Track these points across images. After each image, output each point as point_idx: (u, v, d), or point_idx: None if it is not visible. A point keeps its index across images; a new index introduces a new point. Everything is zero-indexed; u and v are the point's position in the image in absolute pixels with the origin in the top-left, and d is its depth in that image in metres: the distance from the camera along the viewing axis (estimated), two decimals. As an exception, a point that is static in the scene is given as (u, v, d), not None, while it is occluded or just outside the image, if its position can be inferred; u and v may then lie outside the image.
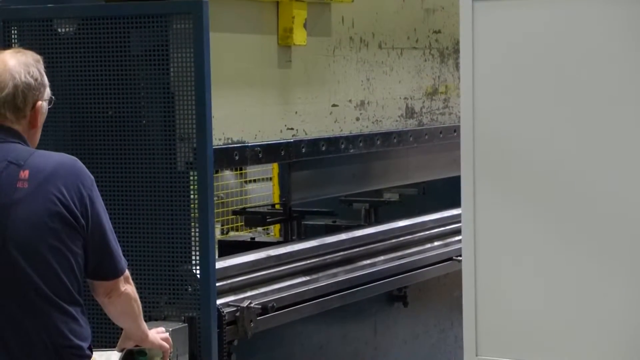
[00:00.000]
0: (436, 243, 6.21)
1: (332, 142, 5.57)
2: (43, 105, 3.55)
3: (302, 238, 5.96)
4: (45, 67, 3.61)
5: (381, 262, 5.79)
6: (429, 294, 5.99)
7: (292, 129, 5.33)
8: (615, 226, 4.03)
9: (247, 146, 5.00)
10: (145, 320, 3.88)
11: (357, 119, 5.80)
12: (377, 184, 6.40)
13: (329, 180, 6.00)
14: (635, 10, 3.94)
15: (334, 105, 5.62)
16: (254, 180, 6.24)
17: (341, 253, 5.65)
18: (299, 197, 5.88)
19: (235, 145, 4.92)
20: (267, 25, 5.18)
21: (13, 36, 4.63)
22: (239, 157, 4.96)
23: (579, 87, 4.04)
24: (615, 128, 4.00)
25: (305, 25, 5.26)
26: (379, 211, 6.51)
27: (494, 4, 4.17)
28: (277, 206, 6.48)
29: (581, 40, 4.04)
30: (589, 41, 4.02)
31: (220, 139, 4.75)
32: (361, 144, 5.77)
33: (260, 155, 5.13)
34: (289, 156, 5.40)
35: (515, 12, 4.14)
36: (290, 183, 5.84)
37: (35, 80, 3.50)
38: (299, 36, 5.24)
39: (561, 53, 4.07)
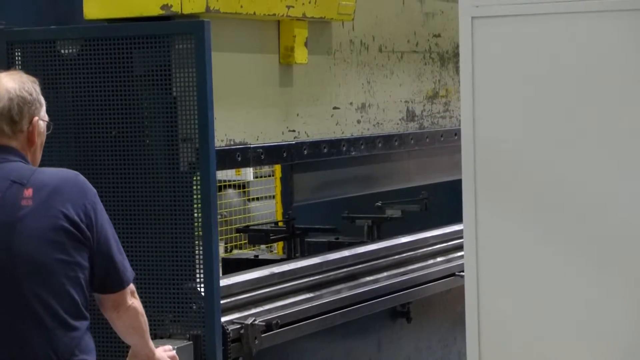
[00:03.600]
0: (439, 259, 6.20)
1: (334, 144, 5.57)
2: (40, 123, 3.56)
3: (305, 255, 5.96)
4: (50, 88, 3.67)
5: (384, 279, 5.78)
6: (432, 310, 5.97)
7: (293, 130, 5.33)
8: (616, 238, 4.04)
9: (250, 147, 5.02)
10: (152, 338, 3.87)
11: (359, 122, 5.80)
12: (379, 186, 6.41)
13: (331, 182, 6.02)
14: (623, 24, 3.99)
15: (335, 108, 5.63)
16: (257, 199, 6.25)
17: (344, 270, 5.63)
18: (302, 199, 5.92)
19: (238, 146, 4.94)
20: (267, 43, 5.19)
21: (17, 58, 4.65)
22: (241, 158, 4.97)
23: (575, 97, 4.08)
24: (613, 136, 4.02)
25: (306, 44, 5.27)
26: (381, 227, 6.48)
27: (492, 21, 4.19)
28: (280, 224, 6.45)
29: (574, 53, 4.07)
30: (582, 54, 4.05)
31: (222, 140, 4.76)
32: (362, 147, 5.78)
33: (263, 156, 5.13)
34: (291, 158, 5.41)
35: (511, 28, 4.16)
36: (292, 187, 5.88)
37: (30, 95, 3.52)
38: (300, 54, 5.23)
39: (556, 65, 4.10)
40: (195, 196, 4.52)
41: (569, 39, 4.09)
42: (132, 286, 3.60)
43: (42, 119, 3.57)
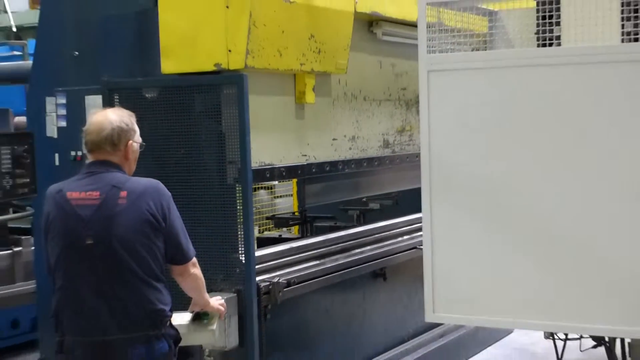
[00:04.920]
0: (405, 237, 6.17)
1: (333, 164, 5.54)
2: (133, 145, 3.61)
3: (313, 235, 5.94)
4: (137, 120, 3.70)
5: (368, 250, 5.76)
6: (401, 272, 5.95)
7: (305, 155, 5.31)
8: (524, 220, 4.02)
9: (275, 167, 5.00)
10: (208, 292, 3.91)
11: (350, 149, 5.77)
12: (364, 192, 6.35)
13: (331, 191, 5.96)
14: (536, 73, 3.98)
15: (334, 139, 5.61)
16: (280, 196, 6.29)
17: (340, 245, 5.62)
18: (311, 202, 5.89)
19: (267, 167, 4.92)
20: (286, 88, 5.16)
21: (115, 100, 4.65)
22: (269, 175, 4.98)
23: (502, 126, 4.04)
24: (529, 152, 3.99)
25: (314, 89, 5.26)
26: (366, 216, 6.48)
27: (443, 74, 4.14)
28: (296, 213, 6.46)
29: (501, 95, 4.03)
30: (506, 95, 4.02)
31: (257, 162, 4.76)
32: (353, 166, 5.75)
33: (284, 173, 5.13)
34: (303, 174, 5.40)
35: (455, 78, 4.13)
36: (304, 193, 5.87)
37: (127, 125, 3.58)
38: (310, 96, 5.22)
39: (488, 104, 4.06)
40: (237, 199, 4.52)
41: (497, 85, 4.04)
42: (194, 260, 3.63)
43: (135, 142, 3.62)
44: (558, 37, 4.11)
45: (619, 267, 3.84)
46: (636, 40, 3.80)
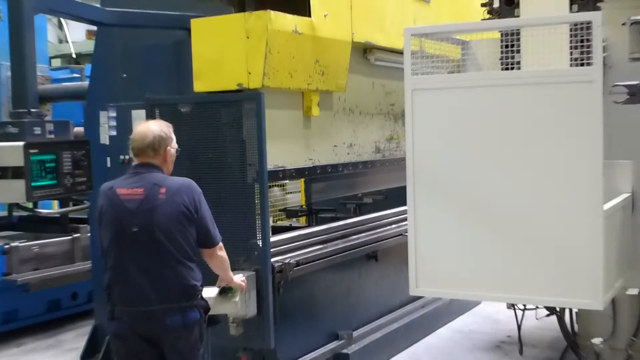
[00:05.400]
0: (393, 225, 6.16)
1: (334, 167, 5.53)
2: (171, 150, 3.62)
3: (317, 224, 5.93)
4: (173, 130, 3.70)
5: (362, 237, 5.75)
6: (390, 254, 5.94)
7: (311, 159, 5.30)
8: (488, 211, 4.00)
9: (286, 169, 4.99)
10: (232, 271, 3.91)
11: (348, 154, 5.76)
12: (359, 189, 6.33)
13: (332, 188, 5.94)
14: (503, 92, 3.98)
15: (335, 146, 5.60)
16: (290, 193, 6.30)
17: (340, 232, 5.61)
18: (316, 198, 5.86)
19: (279, 169, 4.91)
20: (296, 104, 5.17)
21: (156, 113, 4.66)
22: (282, 175, 4.96)
23: (477, 134, 4.02)
24: (493, 155, 3.99)
25: (319, 104, 5.27)
26: (361, 208, 6.46)
27: (424, 92, 4.12)
28: (303, 206, 6.47)
29: (473, 109, 4.01)
30: (477, 110, 4.00)
31: (272, 165, 4.75)
32: (350, 168, 5.74)
33: (294, 174, 5.13)
34: (310, 175, 5.40)
35: (435, 96, 4.11)
36: (310, 190, 5.84)
37: (165, 134, 3.59)
38: (315, 110, 5.23)
39: (462, 117, 4.05)
40: (256, 195, 4.51)
41: (468, 102, 4.03)
42: (220, 244, 3.63)
43: (172, 148, 3.63)
44: (518, 62, 4.11)
45: (561, 249, 3.83)
46: (582, 65, 3.79)
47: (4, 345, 6.52)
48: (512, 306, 5.10)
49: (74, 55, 11.36)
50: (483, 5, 4.59)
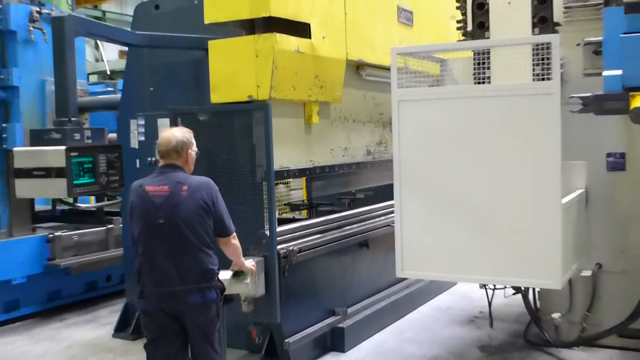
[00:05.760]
0: (382, 217, 6.13)
1: (331, 167, 5.51)
2: (192, 153, 3.60)
3: (317, 216, 5.86)
4: (194, 135, 3.69)
5: (356, 227, 5.72)
6: (379, 242, 5.92)
7: (312, 161, 5.28)
8: (463, 204, 4.02)
9: (290, 169, 4.97)
10: (243, 257, 3.89)
11: (343, 156, 5.74)
12: (353, 187, 6.29)
13: (330, 185, 5.90)
14: (478, 104, 3.98)
15: (332, 149, 5.58)
16: (294, 189, 6.26)
17: (336, 223, 5.58)
18: (316, 194, 5.82)
19: (284, 169, 4.89)
20: (298, 113, 5.16)
21: (178, 121, 4.64)
22: (286, 175, 4.94)
23: (453, 139, 4.03)
24: (466, 156, 3.99)
25: (318, 113, 5.25)
26: (354, 203, 6.38)
27: (409, 103, 4.14)
28: (305, 201, 6.40)
29: (451, 118, 4.02)
30: (455, 119, 4.01)
31: (278, 166, 4.72)
32: (345, 168, 5.71)
33: (297, 174, 5.11)
34: (310, 174, 5.38)
35: (418, 106, 4.12)
36: (311, 187, 5.81)
37: (187, 139, 3.57)
38: (315, 118, 5.22)
39: (442, 125, 4.06)
40: (264, 192, 4.49)
41: (446, 111, 4.04)
42: (234, 234, 3.61)
43: (193, 151, 3.62)
44: (489, 77, 4.12)
45: (525, 238, 3.85)
46: (543, 79, 3.80)
47: (49, 319, 6.54)
48: (483, 286, 5.11)
49: (108, 72, 11.34)
50: (458, 28, 4.59)
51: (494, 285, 4.97)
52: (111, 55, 13.63)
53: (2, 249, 6.17)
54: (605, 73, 3.84)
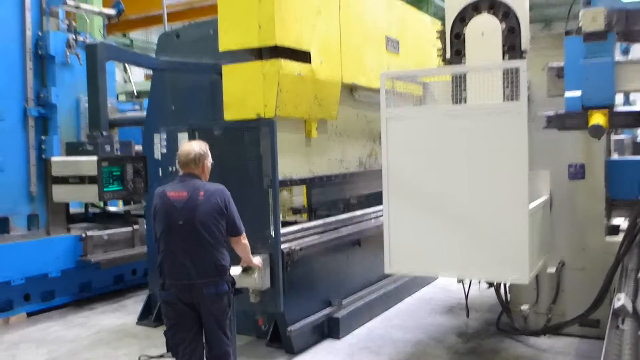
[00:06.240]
0: (372, 220, 6.11)
1: (329, 177, 5.50)
2: (208, 164, 3.59)
3: (316, 219, 5.80)
4: (209, 148, 3.68)
5: (350, 229, 5.71)
6: (370, 241, 5.88)
7: (311, 170, 5.27)
8: (442, 208, 3.98)
9: (293, 179, 4.97)
10: (252, 254, 3.85)
11: (339, 167, 5.74)
12: (347, 193, 6.24)
13: (327, 192, 5.91)
14: (457, 121, 3.99)
15: (329, 160, 5.56)
16: (296, 195, 6.24)
17: (333, 225, 5.57)
18: (315, 200, 5.79)
19: (287, 178, 4.88)
20: (299, 128, 5.15)
21: (196, 135, 4.66)
22: (289, 183, 4.94)
23: (435, 151, 4.01)
24: (445, 165, 3.98)
25: (317, 129, 5.25)
26: (348, 207, 6.33)
27: (396, 121, 4.12)
28: (305, 206, 6.37)
29: (433, 132, 4.01)
30: (435, 133, 4.00)
31: (282, 175, 4.72)
32: (341, 178, 5.71)
33: (298, 182, 5.10)
34: (310, 182, 5.36)
35: (403, 123, 4.12)
36: (310, 193, 5.78)
37: (204, 151, 3.56)
38: (314, 133, 5.22)
39: (425, 138, 4.04)
40: (270, 197, 4.49)
41: (428, 127, 4.02)
42: (243, 234, 3.60)
43: (208, 162, 3.60)
44: (465, 98, 4.12)
45: (497, 238, 3.83)
46: (512, 100, 3.81)
47: (81, 308, 6.51)
48: (460, 281, 5.09)
49: (135, 92, 11.34)
50: (438, 55, 4.61)
51: (470, 280, 4.96)
52: (138, 77, 13.63)
53: (41, 246, 6.17)
54: (567, 94, 3.88)
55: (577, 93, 3.81)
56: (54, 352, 5.12)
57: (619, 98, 5.57)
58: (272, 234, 4.49)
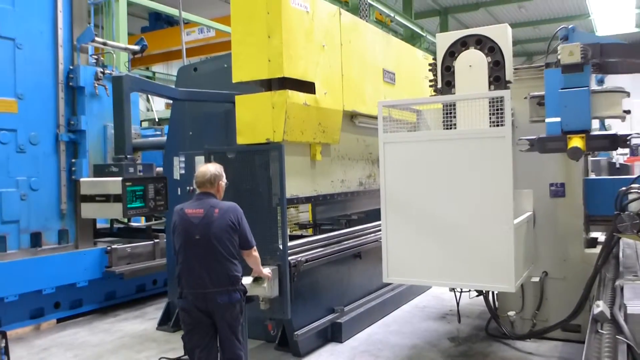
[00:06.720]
0: (371, 234, 6.05)
1: (332, 195, 5.49)
2: (222, 184, 3.60)
3: (320, 234, 5.81)
4: (224, 169, 3.69)
5: (351, 242, 5.67)
6: (370, 255, 5.84)
7: (316, 190, 5.25)
8: (435, 222, 3.97)
9: (299, 197, 4.96)
10: (262, 266, 3.87)
11: (341, 186, 5.71)
12: (349, 210, 6.26)
13: (330, 210, 5.91)
14: (446, 145, 3.98)
15: (332, 181, 5.56)
16: (302, 212, 6.21)
17: (336, 239, 5.54)
18: (319, 216, 5.79)
19: (294, 197, 4.87)
20: (305, 152, 5.15)
21: (211, 158, 4.64)
22: (296, 201, 4.93)
23: (428, 173, 4.01)
24: (437, 185, 3.97)
25: (321, 152, 5.25)
26: (350, 223, 6.34)
27: (392, 144, 4.13)
28: (310, 222, 6.40)
29: (427, 155, 4.01)
30: (428, 156, 4.00)
31: (289, 194, 4.71)
32: (343, 196, 5.70)
33: (304, 200, 5.08)
34: (315, 201, 5.33)
35: (399, 147, 4.12)
36: (315, 210, 5.79)
37: (219, 172, 3.57)
38: (318, 156, 5.22)
39: (420, 160, 4.04)
40: (278, 214, 4.46)
41: (421, 151, 4.03)
42: (254, 247, 3.59)
43: (223, 182, 3.61)
44: (455, 124, 4.14)
45: (485, 251, 3.81)
46: (497, 126, 3.82)
47: (105, 315, 6.48)
48: (452, 289, 5.07)
49: (156, 120, 11.41)
50: (430, 86, 4.65)
51: (461, 289, 4.94)
52: (159, 106, 13.74)
53: (70, 259, 6.17)
54: (547, 120, 3.90)
55: (557, 119, 3.82)
56: (80, 356, 5.09)
57: (595, 123, 5.57)
58: (281, 247, 4.47)
